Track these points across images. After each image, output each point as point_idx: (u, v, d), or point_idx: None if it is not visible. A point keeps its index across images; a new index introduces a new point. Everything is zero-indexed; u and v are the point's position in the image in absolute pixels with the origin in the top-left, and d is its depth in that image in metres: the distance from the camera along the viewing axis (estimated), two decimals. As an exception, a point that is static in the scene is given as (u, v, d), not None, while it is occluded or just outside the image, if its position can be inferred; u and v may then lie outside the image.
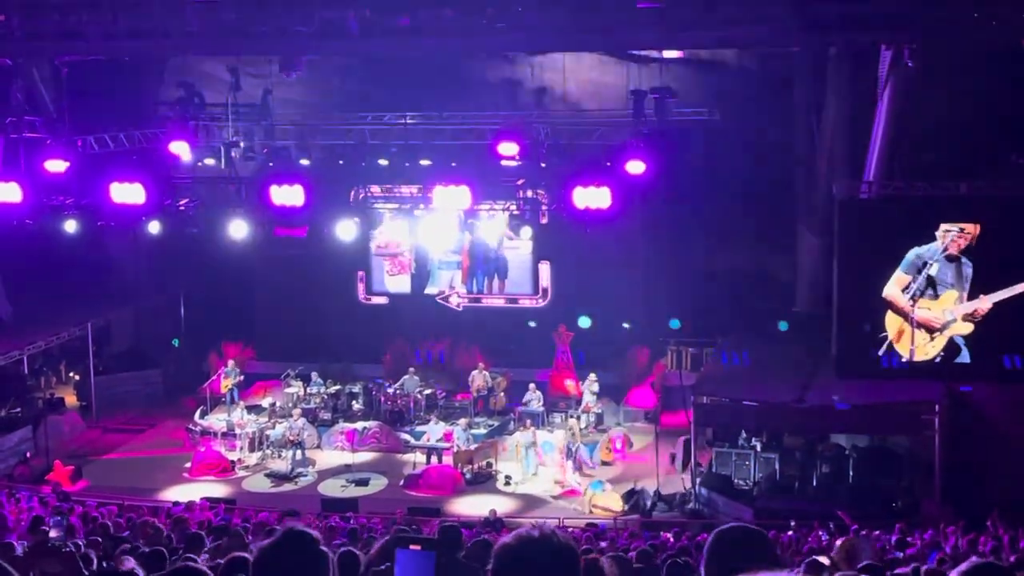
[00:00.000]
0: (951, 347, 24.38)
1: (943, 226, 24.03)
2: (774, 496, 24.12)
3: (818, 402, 24.54)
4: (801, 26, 22.77)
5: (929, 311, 24.32)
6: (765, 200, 30.94)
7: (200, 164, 29.36)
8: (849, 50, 27.18)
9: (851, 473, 24.18)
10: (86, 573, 10.14)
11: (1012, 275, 23.84)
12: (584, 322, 30.99)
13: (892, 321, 24.54)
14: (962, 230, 23.89)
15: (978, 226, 23.79)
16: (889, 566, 10.20)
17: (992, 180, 24.86)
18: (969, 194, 24.54)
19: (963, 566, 3.95)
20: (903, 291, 24.38)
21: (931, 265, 24.05)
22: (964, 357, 24.32)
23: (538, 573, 3.35)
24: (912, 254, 24.22)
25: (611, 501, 24.80)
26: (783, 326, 28.37)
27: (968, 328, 24.16)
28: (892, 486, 23.67)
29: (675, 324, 30.87)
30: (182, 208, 28.49)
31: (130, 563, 9.06)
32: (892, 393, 24.17)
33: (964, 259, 23.96)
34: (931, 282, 24.15)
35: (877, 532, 18.40)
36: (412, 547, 5.55)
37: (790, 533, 19.20)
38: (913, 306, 24.31)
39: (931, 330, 24.41)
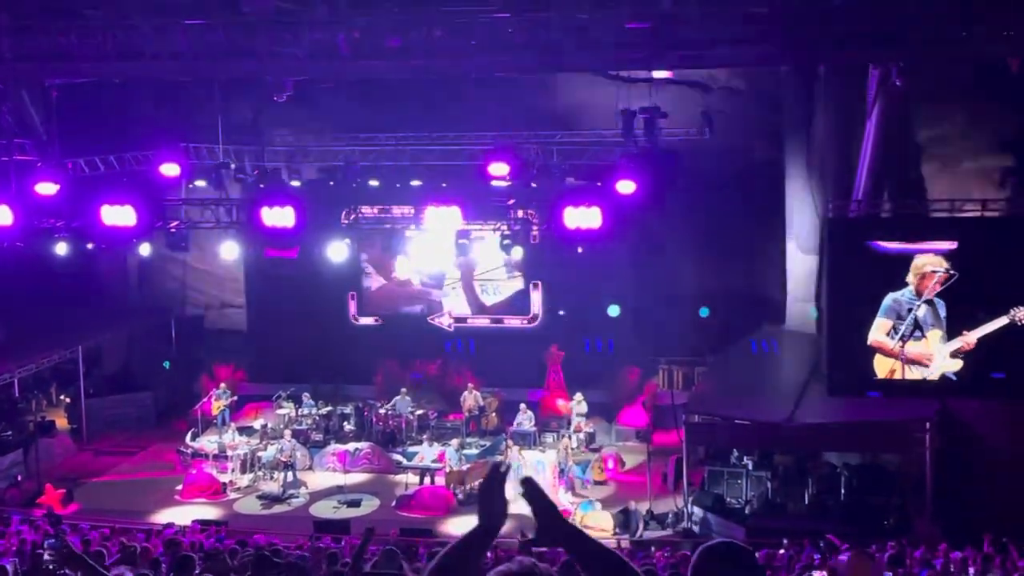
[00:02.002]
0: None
1: (914, 265, 23.99)
2: (766, 515, 24.10)
3: (808, 420, 24.56)
4: (789, 45, 22.84)
5: (917, 351, 24.34)
6: (755, 218, 31.04)
7: (191, 186, 29.38)
8: (837, 69, 27.28)
9: (843, 491, 24.17)
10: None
11: (991, 304, 23.83)
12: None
13: (882, 363, 24.49)
14: (935, 271, 23.89)
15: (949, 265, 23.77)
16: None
17: (983, 199, 24.94)
18: (960, 213, 24.63)
19: None
20: (887, 335, 24.35)
21: (918, 307, 24.03)
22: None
23: None
24: (889, 299, 24.12)
25: (602, 520, 24.78)
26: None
27: (958, 364, 24.14)
28: (883, 504, 23.65)
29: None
30: (172, 230, 28.47)
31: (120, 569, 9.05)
32: (883, 411, 24.20)
33: (937, 299, 23.92)
34: (917, 324, 24.14)
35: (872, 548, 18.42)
36: None
37: (782, 552, 19.19)
38: (902, 347, 24.31)
39: (924, 367, 24.40)
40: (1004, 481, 23.09)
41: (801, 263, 29.66)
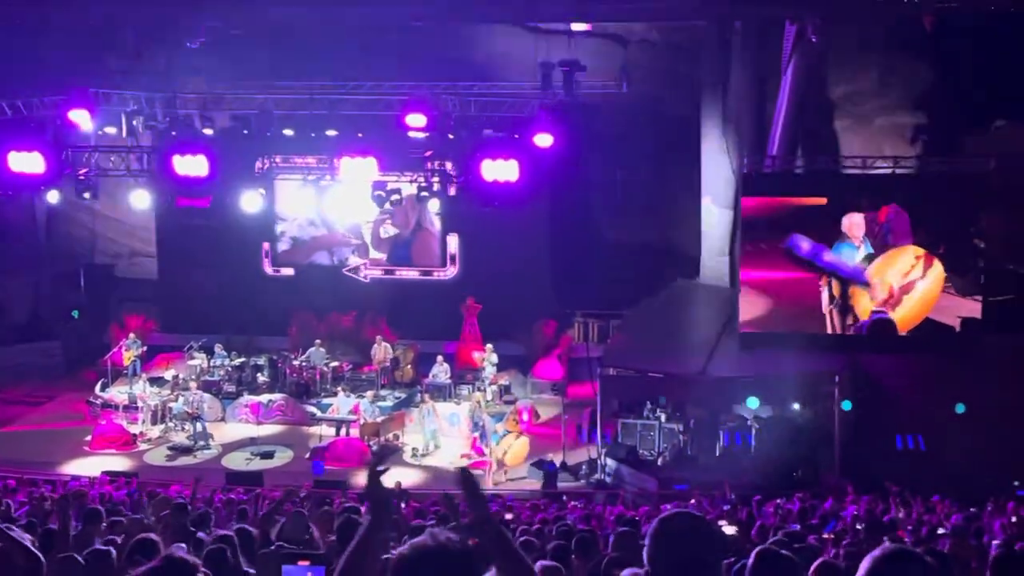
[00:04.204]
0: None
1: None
2: (678, 466, 24.36)
3: (721, 373, 24.83)
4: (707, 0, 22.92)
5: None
6: (671, 173, 31.17)
7: (100, 132, 28.80)
8: (754, 24, 27.41)
9: (753, 443, 24.50)
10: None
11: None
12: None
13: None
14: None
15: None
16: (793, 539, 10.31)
17: (892, 155, 25.26)
18: (869, 168, 24.93)
19: (877, 552, 3.96)
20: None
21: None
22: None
23: None
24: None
25: (516, 447, 25.04)
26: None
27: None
28: (793, 456, 23.99)
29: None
30: (82, 177, 27.92)
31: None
32: (794, 364, 24.49)
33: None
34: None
35: (779, 500, 18.71)
36: (300, 563, 5.42)
37: (692, 502, 19.43)
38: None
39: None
40: (909, 432, 23.59)
41: (716, 218, 29.85)
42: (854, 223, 24.14)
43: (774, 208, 24.59)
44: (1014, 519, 15.49)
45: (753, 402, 24.35)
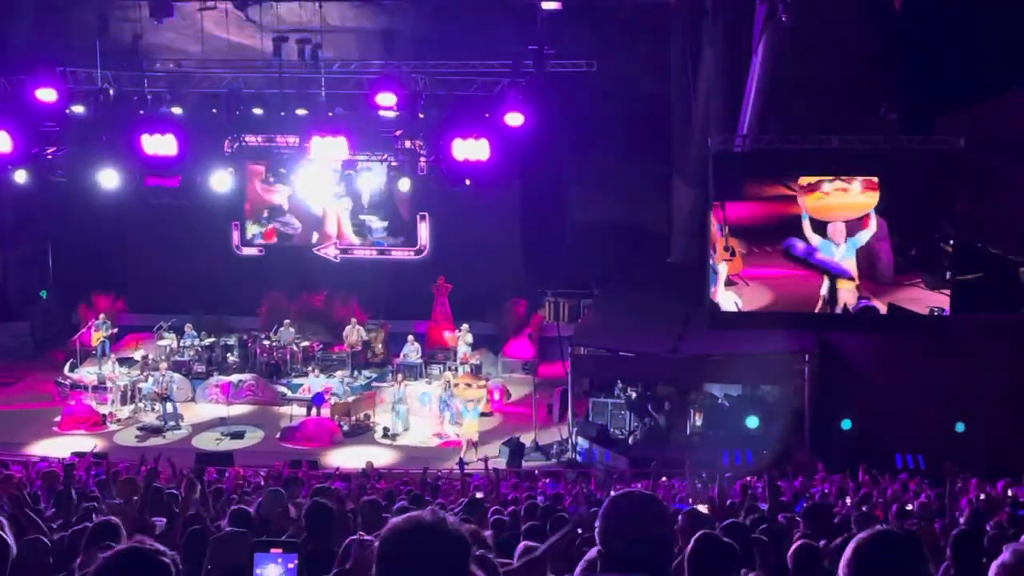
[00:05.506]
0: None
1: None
2: (649, 445, 24.42)
3: (691, 352, 24.90)
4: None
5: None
6: (641, 151, 31.16)
7: (68, 111, 28.53)
8: (725, 4, 27.40)
9: (724, 421, 24.59)
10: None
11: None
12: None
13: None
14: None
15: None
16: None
17: (863, 135, 25.32)
18: (840, 148, 24.98)
19: (864, 535, 3.93)
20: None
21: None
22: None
23: (425, 561, 3.28)
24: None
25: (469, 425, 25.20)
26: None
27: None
28: (763, 434, 24.08)
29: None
30: (50, 156, 27.69)
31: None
32: (764, 343, 24.59)
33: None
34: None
35: (749, 478, 18.77)
36: (273, 551, 5.40)
37: (664, 480, 19.48)
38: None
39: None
40: (878, 410, 23.72)
41: (686, 197, 29.88)
42: (837, 229, 24.89)
43: (769, 216, 25.40)
44: (982, 496, 15.61)
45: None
